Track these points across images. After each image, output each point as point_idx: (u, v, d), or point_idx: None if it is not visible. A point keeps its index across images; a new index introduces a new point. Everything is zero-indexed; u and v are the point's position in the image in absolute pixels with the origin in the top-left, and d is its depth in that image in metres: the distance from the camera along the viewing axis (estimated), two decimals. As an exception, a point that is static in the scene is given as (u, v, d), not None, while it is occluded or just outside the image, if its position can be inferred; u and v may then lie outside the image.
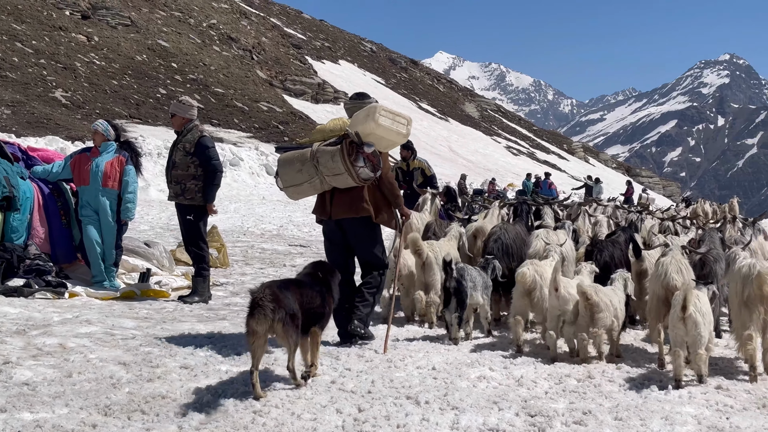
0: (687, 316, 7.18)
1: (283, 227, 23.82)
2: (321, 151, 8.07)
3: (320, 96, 74.21)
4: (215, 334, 8.50)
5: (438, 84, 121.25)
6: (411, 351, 8.17)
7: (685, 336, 7.24)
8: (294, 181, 8.29)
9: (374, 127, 8.15)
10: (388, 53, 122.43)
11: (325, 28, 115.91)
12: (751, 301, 7.75)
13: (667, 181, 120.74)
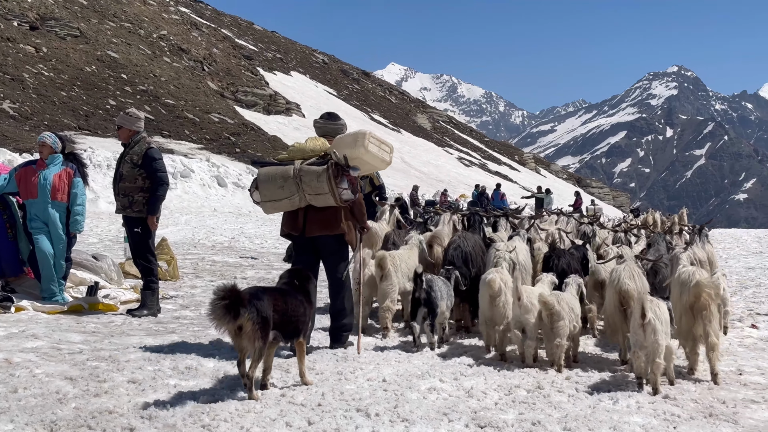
0: (646, 323, 7.41)
1: (234, 239, 23.70)
2: (305, 170, 8.36)
3: (272, 107, 74.00)
4: (164, 347, 8.41)
5: (390, 95, 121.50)
6: (362, 363, 8.15)
7: (644, 342, 7.45)
8: (274, 197, 8.51)
9: (363, 153, 8.73)
10: (340, 64, 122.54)
11: (277, 39, 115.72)
12: (691, 307, 8.14)
13: (617, 192, 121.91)
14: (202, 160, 42.77)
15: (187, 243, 21.42)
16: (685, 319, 8.17)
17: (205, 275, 15.12)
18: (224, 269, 16.14)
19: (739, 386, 8.00)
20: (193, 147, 48.75)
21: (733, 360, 9.27)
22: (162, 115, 54.71)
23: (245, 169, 44.51)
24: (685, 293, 8.24)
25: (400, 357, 8.57)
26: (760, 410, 7.14)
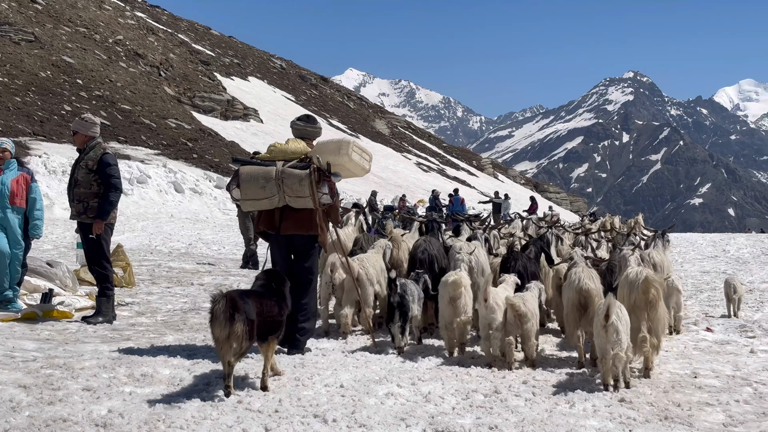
0: (609, 324, 7.70)
1: (191, 245, 23.57)
2: (288, 173, 8.72)
3: (229, 113, 73.68)
4: (119, 355, 8.33)
5: (348, 101, 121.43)
6: (319, 369, 8.13)
7: (607, 343, 7.72)
8: (255, 196, 8.84)
9: (347, 161, 9.11)
10: (298, 70, 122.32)
11: (234, 44, 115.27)
12: (638, 306, 8.49)
13: (574, 197, 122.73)
14: (158, 166, 42.48)
15: (144, 249, 21.27)
16: (632, 318, 8.30)
17: (161, 282, 15.00)
18: (181, 276, 16.03)
19: (694, 389, 8.08)
20: (149, 153, 48.38)
21: (688, 363, 9.35)
22: (118, 120, 54.23)
23: (202, 175, 44.32)
24: (634, 291, 8.56)
25: (357, 362, 8.57)
26: (714, 413, 7.20)
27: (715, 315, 13.62)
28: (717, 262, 25.58)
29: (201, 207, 39.41)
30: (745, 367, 9.17)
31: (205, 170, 46.68)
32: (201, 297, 13.16)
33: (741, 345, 10.64)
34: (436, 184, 64.93)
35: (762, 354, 10.00)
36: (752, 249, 30.27)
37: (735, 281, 13.56)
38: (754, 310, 14.31)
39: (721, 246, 31.94)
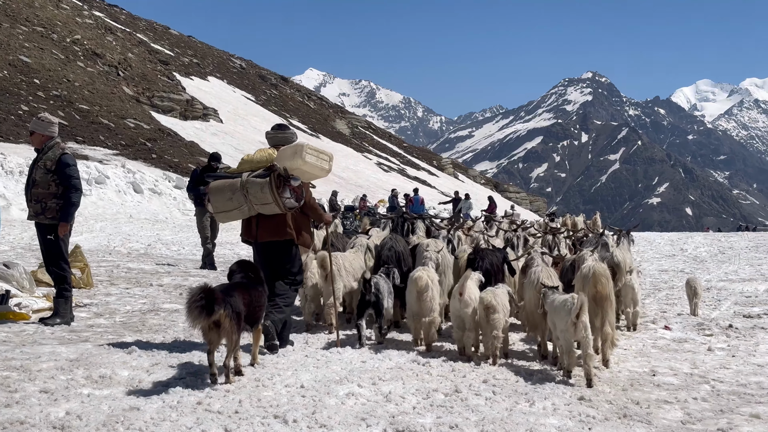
0: (579, 322, 8.13)
1: (151, 246, 23.40)
2: (251, 182, 9.03)
3: (189, 112, 73.22)
4: (77, 356, 8.24)
5: (308, 101, 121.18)
6: (280, 369, 8.11)
7: (574, 338, 8.22)
8: (224, 208, 9.22)
9: (301, 164, 9.28)
10: (258, 70, 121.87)
11: (194, 44, 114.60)
12: (591, 299, 8.93)
13: (534, 197, 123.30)
14: (117, 166, 42.08)
15: (102, 250, 21.08)
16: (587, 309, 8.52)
17: (120, 283, 14.87)
18: (140, 276, 15.90)
19: (653, 387, 8.15)
20: (108, 153, 47.94)
21: (646, 361, 9.44)
22: (76, 120, 53.66)
23: (162, 175, 43.99)
24: (587, 285, 9.17)
25: (318, 362, 8.55)
26: (672, 410, 7.27)
27: (673, 313, 13.75)
28: (675, 260, 25.83)
29: (160, 207, 39.11)
30: (702, 365, 9.27)
31: (165, 170, 46.32)
32: (160, 298, 13.08)
33: (699, 343, 10.76)
34: (397, 184, 64.97)
35: (719, 352, 10.12)
36: (709, 248, 30.60)
37: (696, 282, 13.76)
38: (711, 308, 14.48)
39: (679, 245, 32.27)
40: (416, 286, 9.62)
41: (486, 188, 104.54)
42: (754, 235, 45.19)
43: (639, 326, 12.03)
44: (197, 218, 18.60)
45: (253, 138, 73.60)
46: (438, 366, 8.61)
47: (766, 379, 8.64)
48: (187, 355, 8.58)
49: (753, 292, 17.14)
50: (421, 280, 9.60)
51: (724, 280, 19.81)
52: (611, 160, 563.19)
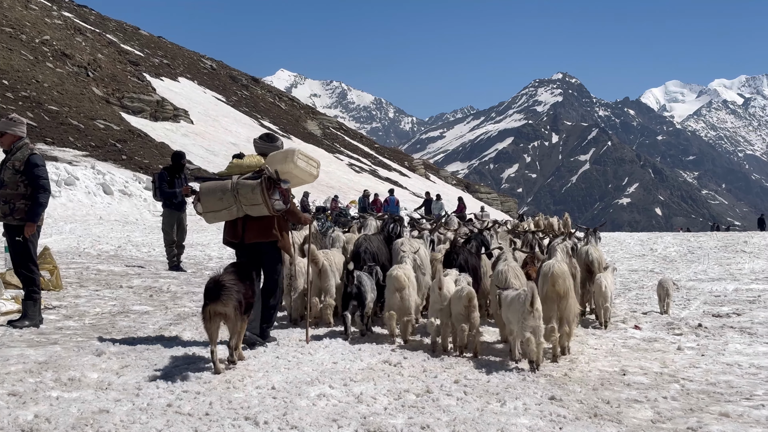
0: (535, 310, 8.63)
1: (121, 248, 23.28)
2: (241, 183, 9.36)
3: (159, 113, 72.95)
4: (46, 359, 8.17)
5: (280, 102, 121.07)
6: (250, 371, 8.08)
7: (530, 326, 8.62)
8: (214, 208, 9.52)
9: (293, 168, 9.80)
10: (229, 70, 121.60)
11: (164, 44, 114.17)
12: (549, 297, 9.50)
13: (505, 197, 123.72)
14: (87, 168, 41.86)
15: (72, 252, 20.95)
16: (545, 307, 9.22)
17: (89, 285, 14.76)
18: (110, 278, 15.79)
19: (623, 386, 8.19)
20: (77, 154, 47.71)
21: (616, 360, 9.49)
22: (45, 121, 53.32)
23: (132, 177, 43.83)
24: (546, 283, 9.60)
25: (289, 364, 8.53)
26: (643, 409, 7.31)
27: (643, 313, 13.83)
28: (645, 260, 25.96)
29: (130, 209, 38.94)
30: (672, 364, 9.32)
31: (135, 171, 46.17)
32: (130, 300, 13.00)
33: (668, 342, 10.82)
34: (369, 185, 64.98)
35: (689, 351, 10.18)
36: (679, 248, 30.77)
37: (667, 283, 13.96)
38: (681, 307, 14.57)
39: (649, 245, 32.43)
40: (394, 283, 10.15)
41: (457, 189, 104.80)
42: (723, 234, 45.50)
43: (609, 326, 12.12)
44: (164, 219, 18.46)
45: (224, 139, 73.41)
46: (409, 366, 8.62)
47: (735, 378, 8.70)
48: (157, 357, 8.53)
49: (722, 291, 17.27)
50: (398, 277, 10.14)
51: (694, 279, 19.94)
52: (581, 160, 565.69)
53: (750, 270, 22.24)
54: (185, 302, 12.86)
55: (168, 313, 11.69)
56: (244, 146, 70.58)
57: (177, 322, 10.80)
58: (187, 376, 7.65)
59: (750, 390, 8.08)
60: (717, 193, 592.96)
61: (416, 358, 9.10)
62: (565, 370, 8.74)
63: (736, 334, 11.53)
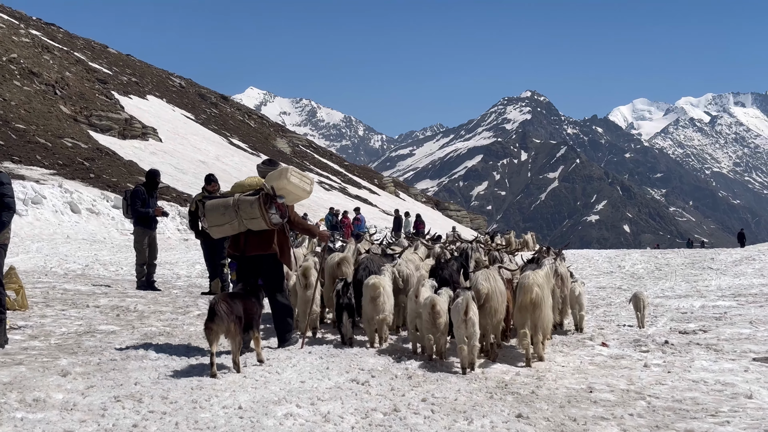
0: (468, 318, 9.56)
1: (88, 267, 23.12)
2: (242, 200, 10.47)
3: (127, 132, 72.61)
4: (10, 379, 8.10)
5: (249, 119, 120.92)
6: (217, 390, 8.04)
7: (465, 332, 9.59)
8: (217, 222, 10.56)
9: (286, 184, 10.74)
10: (198, 88, 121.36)
11: (132, 62, 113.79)
12: (523, 306, 10.43)
13: (474, 215, 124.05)
14: (54, 186, 41.54)
15: (38, 271, 20.78)
16: (520, 315, 10.53)
17: (55, 304, 14.63)
18: (76, 298, 15.65)
19: (590, 403, 8.22)
20: (45, 173, 47.36)
21: (583, 378, 9.52)
22: (12, 140, 52.93)
23: (100, 195, 43.54)
24: (521, 294, 10.53)
25: (257, 383, 8.50)
26: (609, 427, 7.34)
27: (611, 330, 13.90)
28: (612, 277, 26.11)
29: (98, 227, 38.69)
30: (639, 381, 9.37)
31: (103, 190, 45.87)
32: (96, 319, 12.90)
33: (635, 359, 10.88)
34: (338, 203, 64.99)
35: (655, 368, 10.23)
36: (646, 265, 30.97)
37: (642, 296, 14.29)
38: (648, 324, 14.65)
39: (617, 262, 32.61)
40: (369, 292, 11.14)
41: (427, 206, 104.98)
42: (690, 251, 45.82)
43: (577, 343, 12.19)
44: (136, 237, 18.38)
45: (193, 157, 73.18)
46: (377, 385, 8.61)
47: (701, 394, 8.76)
48: (123, 377, 8.48)
49: (689, 308, 17.39)
50: (373, 286, 11.16)
51: (661, 296, 20.08)
52: (550, 178, 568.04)
53: (717, 287, 22.42)
54: (152, 322, 12.78)
55: (135, 332, 11.62)
56: (213, 164, 70.46)
57: (144, 342, 10.73)
58: (153, 396, 7.61)
59: (715, 407, 8.14)
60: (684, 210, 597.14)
61: (384, 376, 9.09)
62: (532, 388, 8.76)
63: (702, 351, 11.60)
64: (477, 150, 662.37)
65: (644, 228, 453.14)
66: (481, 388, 8.71)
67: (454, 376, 9.35)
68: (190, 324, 12.56)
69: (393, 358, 10.26)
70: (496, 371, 9.73)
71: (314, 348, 10.75)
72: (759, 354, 11.39)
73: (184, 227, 41.87)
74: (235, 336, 8.97)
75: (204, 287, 19.08)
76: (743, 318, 15.56)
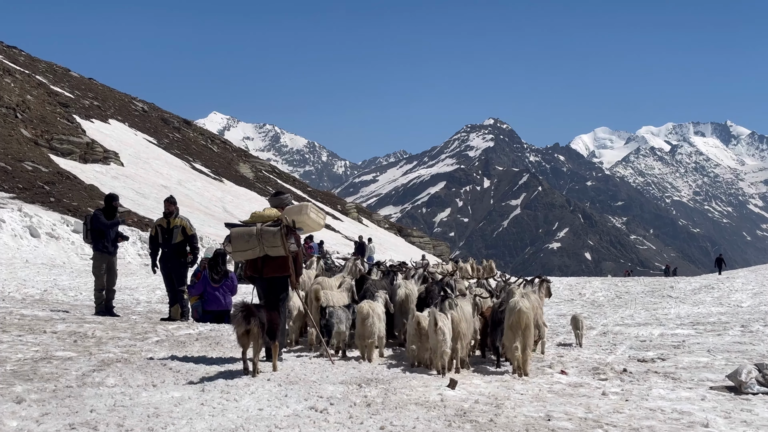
0: (438, 329, 11.54)
1: (47, 291, 22.90)
2: (265, 230, 12.02)
3: (89, 156, 72.03)
4: (-37, 407, 8.00)
5: (212, 144, 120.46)
6: (174, 418, 7.98)
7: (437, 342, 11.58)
8: (241, 248, 12.12)
9: (306, 219, 13.11)
10: (161, 113, 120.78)
11: (94, 86, 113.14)
12: (513, 326, 12.19)
13: (437, 241, 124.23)
14: (14, 210, 41.12)
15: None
16: (510, 334, 12.28)
17: (12, 330, 14.46)
18: (33, 323, 15.48)
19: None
20: (4, 196, 46.90)
21: (542, 405, 9.55)
22: (-29, 163, 52.52)
23: (60, 219, 43.14)
24: (512, 315, 12.23)
25: (214, 410, 8.43)
26: (566, 454, 7.36)
27: (570, 358, 13.96)
28: (573, 305, 26.25)
29: (58, 252, 38.32)
30: (596, 409, 9.42)
31: (63, 214, 45.45)
32: (53, 345, 12.76)
33: (593, 387, 10.94)
34: (300, 229, 64.71)
35: (613, 396, 10.29)
36: (607, 292, 31.18)
37: (579, 317, 15.90)
38: (607, 352, 14.74)
39: (578, 289, 32.81)
40: (361, 314, 12.77)
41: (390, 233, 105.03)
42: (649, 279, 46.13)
43: (536, 370, 12.26)
44: (94, 263, 18.23)
45: (155, 181, 72.80)
46: (336, 413, 8.58)
47: (658, 423, 8.81)
48: (78, 404, 8.38)
49: (648, 336, 17.53)
50: (363, 309, 12.84)
51: (620, 324, 20.21)
52: (513, 205, 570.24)
53: (676, 315, 22.61)
54: (110, 348, 12.65)
55: (92, 359, 11.49)
56: (176, 189, 70.09)
57: (101, 368, 10.62)
58: (109, 423, 7.55)
59: (671, 435, 8.19)
60: (645, 238, 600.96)
61: (343, 404, 9.06)
62: (491, 416, 8.77)
63: (660, 379, 11.69)
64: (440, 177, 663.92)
65: (605, 256, 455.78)
66: (439, 416, 8.70)
67: (413, 404, 9.32)
68: (148, 350, 12.45)
69: (353, 386, 10.22)
70: (455, 399, 9.72)
71: (273, 375, 10.69)
72: (716, 383, 11.50)
73: (145, 252, 41.54)
74: (257, 339, 10.48)
75: (164, 313, 18.95)
76: (701, 346, 15.71)
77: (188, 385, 9.77)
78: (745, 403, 10.06)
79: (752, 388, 10.77)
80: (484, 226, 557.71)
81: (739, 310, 24.22)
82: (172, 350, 12.56)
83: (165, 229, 17.62)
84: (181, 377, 10.03)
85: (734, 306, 25.83)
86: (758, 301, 27.62)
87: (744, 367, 11.10)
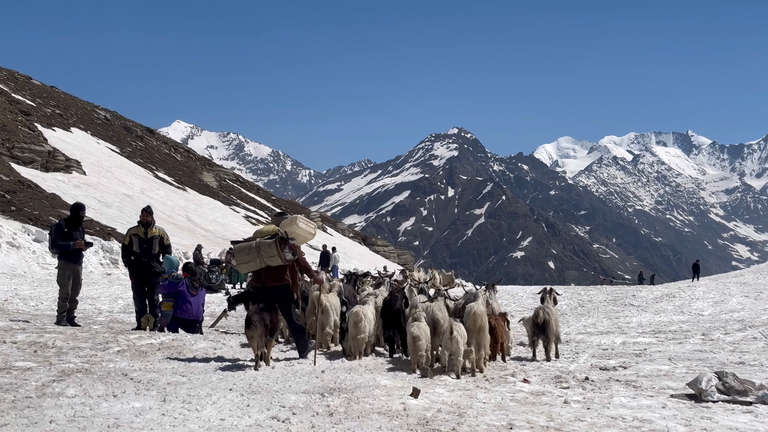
0: (453, 337, 12.53)
1: (7, 301, 22.66)
2: (262, 242, 13.64)
3: (51, 164, 71.48)
4: None
5: (175, 153, 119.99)
6: (135, 428, 7.92)
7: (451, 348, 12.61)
8: (244, 260, 13.76)
9: (296, 229, 14.42)
10: (124, 121, 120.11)
11: (56, 94, 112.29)
12: (470, 329, 13.13)
13: (401, 250, 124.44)
14: (-27, 219, 40.78)
15: (-46, 306, 20.29)
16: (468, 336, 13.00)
17: (-29, 340, 14.30)
18: (-7, 333, 15.31)
19: (510, 440, 8.26)
20: (-36, 205, 46.49)
21: (504, 414, 9.56)
22: (-70, 171, 51.96)
23: (21, 228, 42.76)
24: (468, 320, 13.30)
25: (175, 421, 8.38)
26: (527, 463, 7.37)
27: (533, 366, 14.01)
28: (536, 314, 26.30)
29: (18, 261, 37.95)
30: (558, 418, 9.45)
31: (24, 223, 45.06)
32: (13, 356, 12.61)
33: (555, 396, 10.97)
34: (264, 238, 64.50)
35: (575, 404, 10.33)
36: (569, 301, 31.32)
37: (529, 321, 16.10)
38: (569, 360, 14.81)
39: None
40: (353, 318, 14.07)
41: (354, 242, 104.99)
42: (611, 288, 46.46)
43: (499, 379, 12.30)
44: (59, 271, 18.06)
45: (118, 190, 72.36)
46: (298, 423, 8.55)
47: (619, 431, 8.86)
48: (37, 415, 8.30)
49: (610, 344, 17.63)
50: (355, 313, 14.11)
51: (583, 333, 20.31)
52: (477, 214, 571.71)
53: (637, 323, 22.76)
54: (71, 358, 12.53)
55: (52, 369, 11.37)
56: (138, 197, 69.70)
57: (61, 379, 10.51)
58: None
59: (632, 443, 8.24)
60: (608, 247, 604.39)
61: (305, 413, 9.03)
62: (453, 425, 8.77)
63: (621, 387, 11.76)
64: (404, 186, 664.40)
65: (569, 264, 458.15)
66: (402, 425, 8.69)
67: (376, 413, 9.30)
68: (109, 360, 12.34)
69: (316, 395, 10.19)
70: (418, 408, 9.71)
71: (235, 384, 10.64)
72: (677, 391, 11.58)
73: (108, 261, 41.27)
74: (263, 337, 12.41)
75: (127, 323, 18.82)
76: (662, 355, 15.82)
77: (149, 395, 9.69)
78: (705, 410, 10.13)
79: (712, 395, 10.86)
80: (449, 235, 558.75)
81: (700, 319, 24.43)
82: (134, 360, 12.46)
83: (142, 239, 17.55)
84: (142, 387, 9.96)
85: (695, 314, 26.05)
86: (719, 309, 27.86)
87: (704, 375, 11.19)
